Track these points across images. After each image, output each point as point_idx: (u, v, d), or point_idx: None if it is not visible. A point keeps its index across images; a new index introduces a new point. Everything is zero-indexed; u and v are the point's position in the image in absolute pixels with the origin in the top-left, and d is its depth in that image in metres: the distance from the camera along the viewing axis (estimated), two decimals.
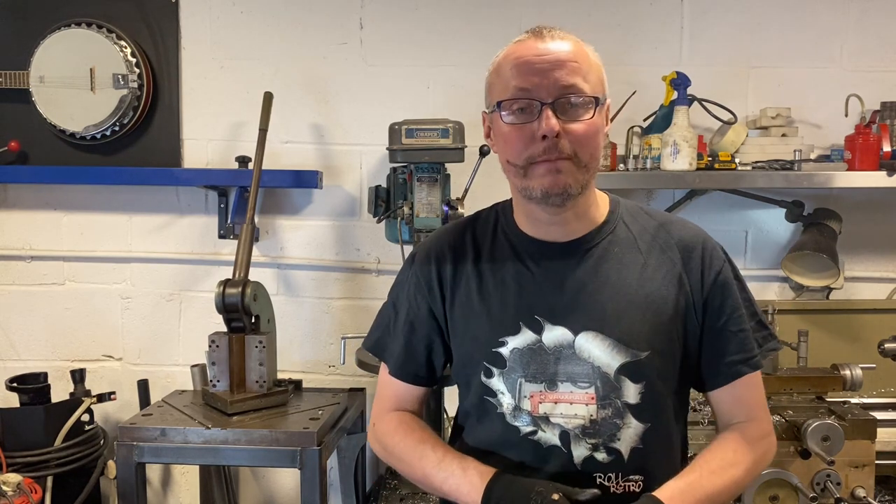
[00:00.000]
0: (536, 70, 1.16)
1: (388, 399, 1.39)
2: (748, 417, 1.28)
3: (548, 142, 1.15)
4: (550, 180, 1.17)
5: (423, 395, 1.39)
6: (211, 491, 2.44)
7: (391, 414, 1.37)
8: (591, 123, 1.17)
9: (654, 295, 1.23)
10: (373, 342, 1.41)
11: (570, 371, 1.21)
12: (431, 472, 1.23)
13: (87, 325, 2.61)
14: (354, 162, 2.52)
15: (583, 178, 1.19)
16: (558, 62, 1.16)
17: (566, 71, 1.16)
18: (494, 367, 1.25)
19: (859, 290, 2.46)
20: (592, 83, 1.18)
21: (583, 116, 1.17)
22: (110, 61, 2.42)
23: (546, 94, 1.15)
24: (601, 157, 1.22)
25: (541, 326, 1.23)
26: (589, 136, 1.17)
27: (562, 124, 1.15)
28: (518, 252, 1.28)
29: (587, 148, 1.17)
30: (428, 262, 1.33)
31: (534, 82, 1.16)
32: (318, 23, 2.48)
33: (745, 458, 1.22)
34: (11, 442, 2.21)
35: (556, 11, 2.42)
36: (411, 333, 1.34)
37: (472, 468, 1.19)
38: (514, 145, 1.18)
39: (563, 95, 1.15)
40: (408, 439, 1.30)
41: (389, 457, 1.34)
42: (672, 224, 1.31)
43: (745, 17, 2.42)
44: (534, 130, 1.16)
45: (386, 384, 1.39)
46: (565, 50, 1.17)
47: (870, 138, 2.16)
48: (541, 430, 1.22)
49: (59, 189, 2.57)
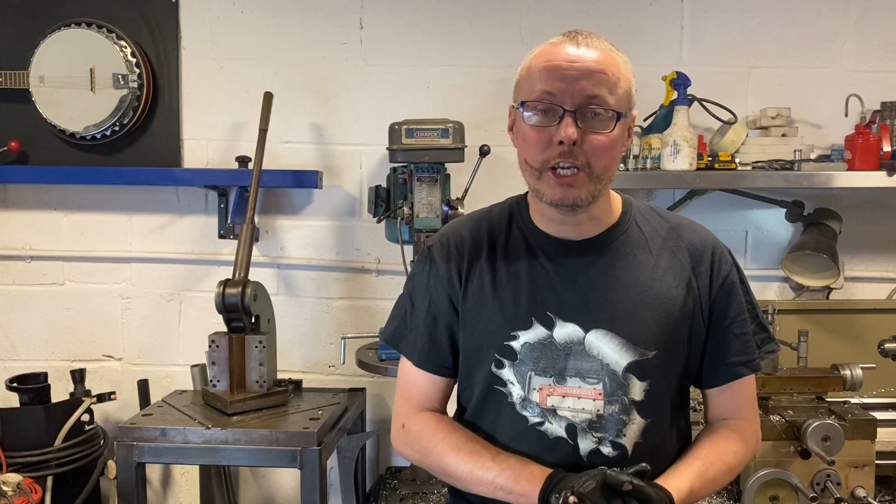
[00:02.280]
0: (564, 76, 1.17)
1: (416, 397, 1.36)
2: (741, 417, 1.33)
3: (564, 147, 1.16)
4: (561, 193, 1.19)
5: (449, 388, 1.38)
6: (211, 491, 2.44)
7: (424, 414, 1.34)
8: (610, 137, 1.18)
9: (664, 296, 1.25)
10: (389, 333, 1.41)
11: (580, 367, 1.23)
12: (486, 465, 1.22)
13: (87, 325, 2.61)
14: (354, 162, 2.52)
15: (595, 189, 1.20)
16: (587, 71, 1.17)
17: (593, 81, 1.17)
18: (505, 359, 1.26)
19: (859, 290, 2.46)
20: (618, 96, 1.19)
21: (603, 129, 1.18)
22: (110, 61, 2.42)
23: (569, 102, 1.16)
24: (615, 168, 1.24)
25: (552, 322, 1.25)
26: (606, 148, 1.18)
27: (581, 133, 1.16)
28: (532, 247, 1.30)
29: (602, 160, 1.19)
30: (446, 254, 1.34)
31: (559, 88, 1.17)
32: (318, 23, 2.48)
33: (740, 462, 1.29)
34: (11, 442, 2.21)
35: (557, 11, 2.41)
36: (434, 325, 1.34)
37: (532, 463, 1.21)
38: (533, 147, 1.20)
39: (586, 105, 1.17)
40: (452, 437, 1.28)
41: (427, 457, 1.31)
42: (683, 227, 1.33)
43: (745, 17, 2.42)
44: (552, 135, 1.17)
45: (411, 380, 1.37)
46: (596, 59, 1.18)
47: (870, 138, 2.16)
48: (548, 421, 1.24)
49: (59, 189, 2.57)
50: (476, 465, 1.23)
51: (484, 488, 1.23)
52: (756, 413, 1.37)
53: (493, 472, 1.21)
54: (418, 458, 1.33)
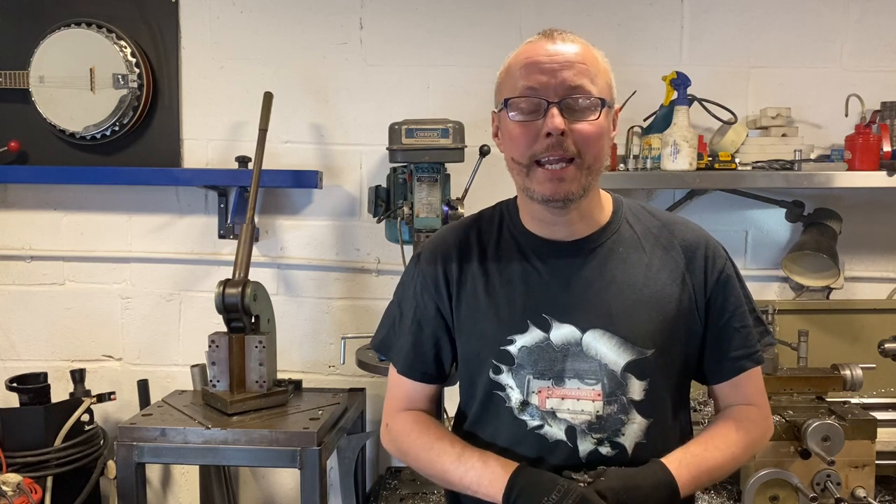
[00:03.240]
0: (545, 70, 1.18)
1: (399, 399, 1.38)
2: (749, 403, 1.33)
3: (552, 139, 1.16)
4: (552, 188, 1.19)
5: (434, 392, 1.39)
6: (211, 491, 2.44)
7: (404, 414, 1.36)
8: (596, 124, 1.18)
9: (659, 294, 1.25)
10: (378, 341, 1.42)
11: (578, 368, 1.23)
12: (451, 468, 1.24)
13: (87, 325, 2.61)
14: (354, 162, 2.52)
15: (586, 181, 1.20)
16: (567, 63, 1.17)
17: (574, 72, 1.17)
18: (503, 365, 1.26)
19: (859, 290, 2.46)
20: (600, 86, 1.20)
21: (589, 117, 1.18)
22: (110, 61, 2.42)
23: (553, 94, 1.17)
24: (605, 160, 1.23)
25: (548, 324, 1.24)
26: (594, 136, 1.18)
27: (568, 124, 1.16)
28: (524, 250, 1.29)
29: (592, 148, 1.19)
30: (434, 261, 1.34)
31: (542, 81, 1.17)
32: (318, 23, 2.48)
33: (744, 438, 1.28)
34: (11, 442, 2.21)
35: (556, 11, 2.42)
36: (419, 332, 1.34)
37: (493, 460, 1.21)
38: (519, 143, 1.20)
39: (570, 95, 1.17)
40: (424, 437, 1.30)
41: (405, 456, 1.34)
42: (675, 224, 1.33)
43: (745, 17, 2.42)
44: (539, 128, 1.17)
45: (396, 384, 1.39)
46: (574, 52, 1.19)
47: (870, 138, 2.16)
48: (547, 424, 1.24)
49: (59, 189, 2.57)
50: (445, 464, 1.24)
51: (456, 488, 1.25)
52: (766, 400, 1.36)
53: (459, 472, 1.22)
54: (401, 458, 1.36)
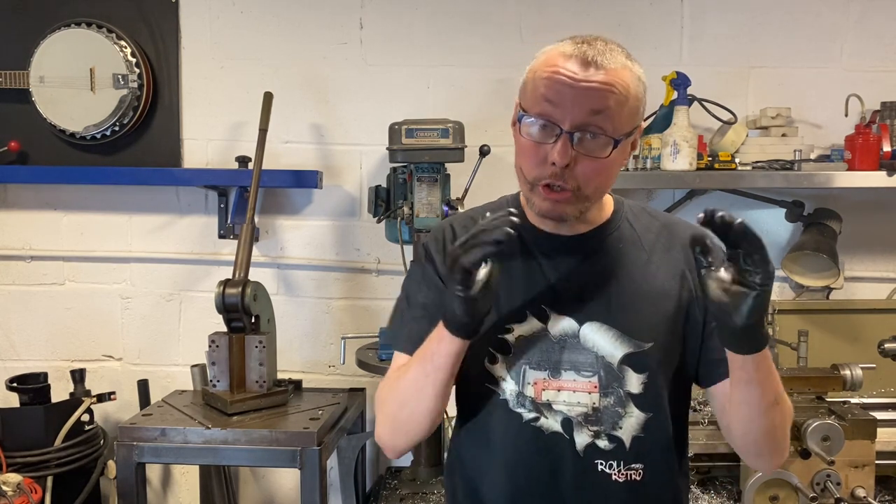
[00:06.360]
0: (565, 94, 1.14)
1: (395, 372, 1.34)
2: None
3: (556, 168, 1.15)
4: (549, 207, 1.19)
5: None
6: (211, 491, 2.44)
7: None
8: (605, 162, 1.16)
9: (658, 289, 1.26)
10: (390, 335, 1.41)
11: (574, 360, 1.23)
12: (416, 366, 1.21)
13: (87, 325, 2.60)
14: (354, 162, 2.51)
15: (583, 206, 1.21)
16: (590, 92, 1.13)
17: (596, 102, 1.13)
18: (499, 354, 1.26)
19: (859, 290, 2.46)
20: (623, 117, 1.16)
21: (598, 153, 1.15)
22: (110, 61, 2.42)
23: (568, 122, 1.14)
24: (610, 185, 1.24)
25: (546, 315, 1.25)
26: (598, 172, 1.17)
27: (576, 154, 1.15)
28: (526, 243, 1.29)
29: (593, 183, 1.18)
30: (438, 250, 1.34)
31: (560, 105, 1.14)
32: (318, 23, 2.48)
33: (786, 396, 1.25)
34: (11, 442, 2.21)
35: (556, 11, 2.41)
36: (424, 317, 1.33)
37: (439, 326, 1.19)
38: (528, 161, 1.19)
39: (584, 129, 1.14)
40: (388, 380, 1.28)
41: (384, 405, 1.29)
42: (675, 224, 1.33)
43: (745, 17, 2.42)
44: (548, 153, 1.16)
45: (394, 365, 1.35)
46: (603, 79, 1.14)
47: (870, 138, 2.16)
48: (543, 416, 1.24)
49: (59, 189, 2.57)
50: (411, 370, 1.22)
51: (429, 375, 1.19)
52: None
53: (418, 358, 1.21)
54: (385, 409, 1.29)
